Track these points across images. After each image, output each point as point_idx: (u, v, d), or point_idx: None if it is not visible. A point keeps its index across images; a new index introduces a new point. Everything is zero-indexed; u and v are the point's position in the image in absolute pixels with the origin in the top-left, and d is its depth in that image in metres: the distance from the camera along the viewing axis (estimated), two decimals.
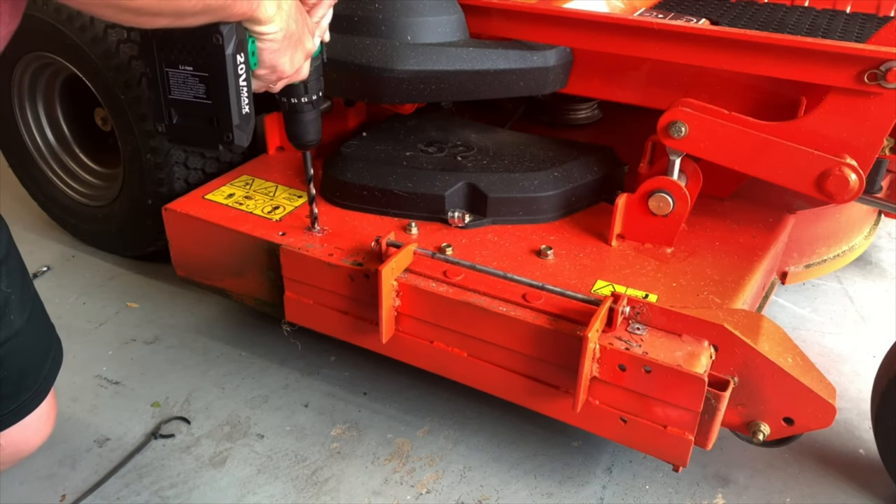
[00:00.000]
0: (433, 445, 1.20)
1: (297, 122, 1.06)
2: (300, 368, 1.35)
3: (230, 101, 0.80)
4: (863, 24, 1.28)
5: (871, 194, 1.27)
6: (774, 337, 0.99)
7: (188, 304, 1.51)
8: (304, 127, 1.07)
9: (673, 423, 0.96)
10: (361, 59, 1.17)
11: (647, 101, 1.23)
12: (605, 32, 1.18)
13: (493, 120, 1.57)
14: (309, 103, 1.04)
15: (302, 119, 1.06)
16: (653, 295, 1.07)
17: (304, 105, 1.04)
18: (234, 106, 0.81)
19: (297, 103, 1.03)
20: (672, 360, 0.94)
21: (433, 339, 1.10)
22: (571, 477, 1.15)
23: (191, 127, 0.84)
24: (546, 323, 1.00)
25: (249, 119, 0.84)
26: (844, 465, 1.18)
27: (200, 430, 1.22)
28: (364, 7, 1.18)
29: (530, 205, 1.22)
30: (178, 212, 1.28)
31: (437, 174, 1.23)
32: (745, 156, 1.09)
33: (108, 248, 1.66)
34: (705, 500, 1.12)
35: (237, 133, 0.82)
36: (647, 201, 1.15)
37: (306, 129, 1.07)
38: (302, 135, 1.08)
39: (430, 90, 1.20)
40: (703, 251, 1.18)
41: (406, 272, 1.09)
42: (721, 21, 1.28)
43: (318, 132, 1.09)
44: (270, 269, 1.21)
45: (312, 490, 1.12)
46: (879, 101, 1.01)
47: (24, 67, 1.55)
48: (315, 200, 1.19)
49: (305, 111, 1.05)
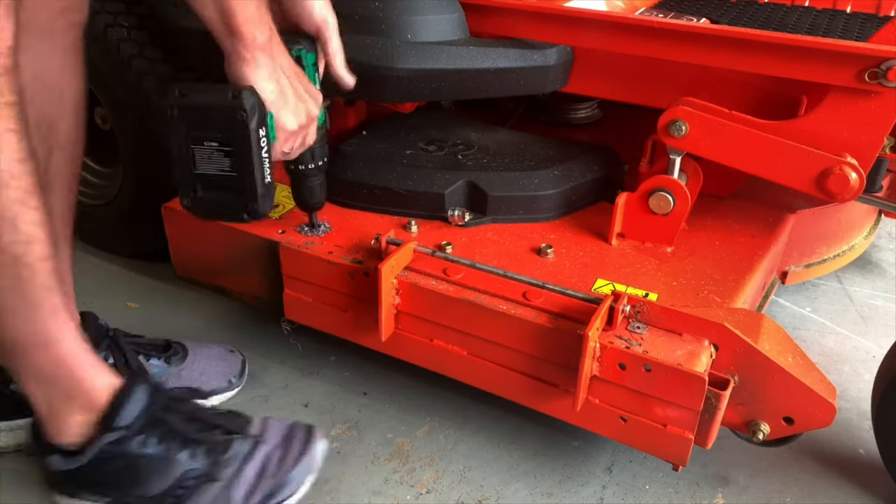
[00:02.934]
0: (433, 445, 1.20)
1: (305, 187, 1.11)
2: (300, 368, 1.35)
3: (255, 173, 0.85)
4: (863, 24, 1.28)
5: (871, 193, 1.27)
6: (775, 336, 0.99)
7: (188, 304, 1.51)
8: (312, 192, 1.12)
9: (673, 422, 0.96)
10: (361, 57, 1.17)
11: (647, 100, 1.23)
12: (605, 31, 1.18)
13: (493, 119, 1.57)
14: (315, 168, 1.09)
15: (310, 184, 1.10)
16: (653, 294, 1.07)
17: (311, 171, 1.09)
18: (258, 177, 0.86)
19: (305, 169, 1.08)
20: (672, 359, 0.94)
21: (433, 337, 1.10)
22: (571, 477, 1.15)
23: (216, 199, 0.88)
24: (546, 321, 1.00)
25: (271, 188, 0.89)
26: (844, 465, 1.18)
27: None
28: (364, 6, 1.18)
29: (530, 203, 1.22)
30: (178, 210, 1.28)
31: (437, 172, 1.23)
32: (745, 154, 1.09)
33: (107, 247, 1.65)
34: (705, 500, 1.12)
35: (261, 202, 0.87)
36: (647, 200, 1.15)
37: (313, 193, 1.12)
38: (308, 199, 1.13)
39: (430, 89, 1.20)
40: (703, 250, 1.18)
41: (406, 270, 1.09)
42: (721, 20, 1.28)
43: (324, 195, 1.14)
44: (270, 268, 1.21)
45: (312, 490, 1.11)
46: (880, 100, 1.01)
47: None
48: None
49: (312, 176, 1.09)
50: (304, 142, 0.99)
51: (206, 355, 1.26)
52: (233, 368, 1.27)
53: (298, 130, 0.95)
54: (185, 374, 1.22)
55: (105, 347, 1.16)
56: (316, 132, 1.01)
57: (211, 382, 1.24)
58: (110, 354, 1.17)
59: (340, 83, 1.04)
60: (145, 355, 1.20)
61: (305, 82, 0.96)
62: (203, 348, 1.27)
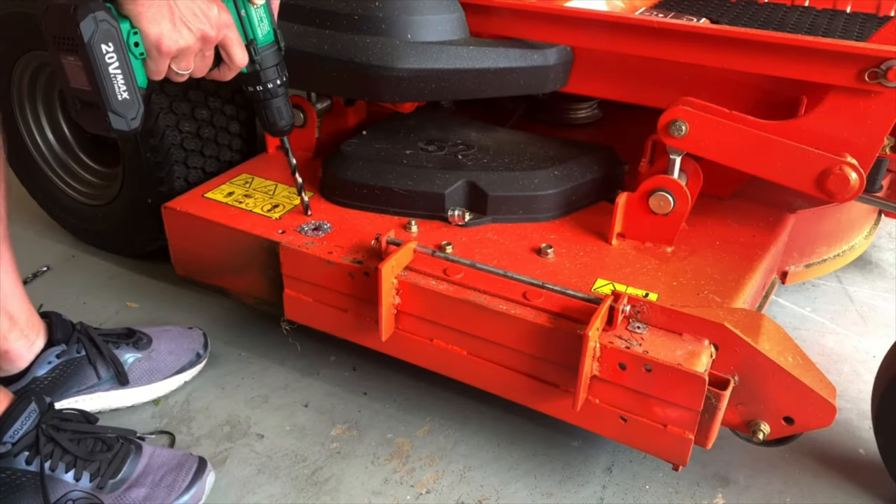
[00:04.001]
0: (433, 445, 1.20)
1: (270, 108, 1.10)
2: (300, 368, 1.35)
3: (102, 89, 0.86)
4: (863, 24, 1.28)
5: (871, 193, 1.27)
6: (775, 336, 0.99)
7: (188, 304, 1.51)
8: (278, 112, 1.11)
9: (673, 422, 0.96)
10: (361, 57, 1.17)
11: (647, 100, 1.23)
12: (605, 31, 1.18)
13: (493, 119, 1.57)
14: (276, 88, 1.08)
15: (270, 105, 1.09)
16: (653, 294, 1.07)
17: (272, 90, 1.08)
18: (108, 93, 0.86)
19: (262, 90, 1.07)
20: (672, 358, 0.94)
21: (433, 337, 1.10)
22: (571, 477, 1.15)
23: (89, 114, 0.89)
24: (546, 321, 1.00)
25: (129, 105, 0.88)
26: (844, 465, 1.18)
27: (200, 430, 1.22)
28: (364, 6, 1.18)
29: (530, 203, 1.22)
30: (178, 210, 1.28)
31: (438, 172, 1.23)
32: (745, 154, 1.09)
33: (107, 247, 1.65)
34: (705, 499, 1.12)
35: (112, 118, 0.87)
36: (647, 200, 1.15)
37: (280, 113, 1.11)
38: (276, 120, 1.11)
39: (430, 89, 1.20)
40: (703, 250, 1.18)
41: (406, 270, 1.09)
42: (721, 20, 1.28)
43: (290, 117, 1.12)
44: (270, 268, 1.21)
45: (312, 490, 1.12)
46: (880, 99, 1.01)
47: (23, 67, 1.55)
48: (303, 189, 1.23)
49: (276, 97, 1.09)
50: (203, 61, 0.95)
51: (167, 336, 1.30)
52: (196, 343, 1.32)
53: (185, 49, 0.90)
54: (156, 355, 1.26)
55: (76, 341, 1.19)
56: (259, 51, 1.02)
57: (181, 359, 1.28)
58: (83, 347, 1.19)
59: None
60: (114, 344, 1.23)
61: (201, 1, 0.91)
62: (162, 331, 1.31)
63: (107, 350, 1.21)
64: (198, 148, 1.43)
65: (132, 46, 0.87)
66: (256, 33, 1.02)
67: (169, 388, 1.27)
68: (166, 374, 1.26)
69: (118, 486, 1.01)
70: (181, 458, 1.06)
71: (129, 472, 1.02)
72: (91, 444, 1.03)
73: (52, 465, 0.99)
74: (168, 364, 1.26)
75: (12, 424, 0.98)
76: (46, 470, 0.99)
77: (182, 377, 1.28)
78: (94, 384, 1.20)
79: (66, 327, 1.19)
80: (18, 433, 0.98)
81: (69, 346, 1.18)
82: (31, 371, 1.15)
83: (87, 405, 1.20)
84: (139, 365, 1.24)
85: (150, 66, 0.90)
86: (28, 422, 0.99)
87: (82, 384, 1.19)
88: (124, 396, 1.23)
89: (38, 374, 1.16)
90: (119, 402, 1.23)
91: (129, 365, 1.23)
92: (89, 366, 1.19)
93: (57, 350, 1.17)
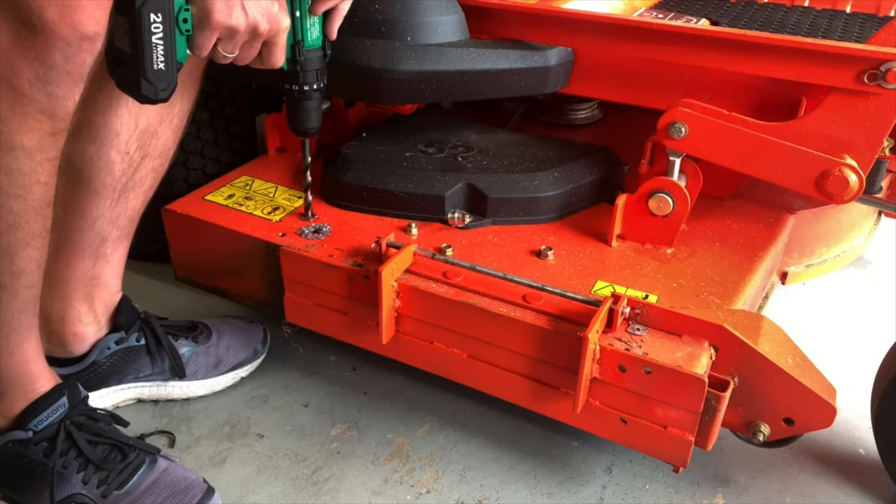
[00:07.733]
0: (433, 445, 1.20)
1: (300, 109, 1.10)
2: (300, 368, 1.35)
3: (142, 55, 0.87)
4: (863, 25, 1.28)
5: (871, 194, 1.27)
6: (774, 337, 0.99)
7: (188, 305, 1.51)
8: (307, 115, 1.11)
9: (673, 423, 0.96)
10: (361, 59, 1.17)
11: (646, 102, 1.23)
12: (605, 32, 1.18)
13: (493, 120, 1.57)
14: (311, 91, 1.08)
15: (305, 107, 1.10)
16: (653, 295, 1.07)
17: (308, 92, 1.08)
18: (146, 60, 0.87)
19: (297, 90, 1.08)
20: (672, 360, 0.94)
21: (433, 339, 1.10)
22: (571, 477, 1.15)
23: (124, 74, 0.90)
24: (546, 324, 1.00)
25: (162, 76, 0.89)
26: (844, 465, 1.18)
27: (200, 430, 1.22)
28: (364, 8, 1.18)
29: (530, 205, 1.22)
30: (178, 212, 1.28)
31: (437, 175, 1.23)
32: (745, 156, 1.09)
33: None
34: (705, 500, 1.12)
35: (144, 84, 0.88)
36: (647, 202, 1.15)
37: (308, 116, 1.11)
38: (304, 121, 1.11)
39: (430, 91, 1.20)
40: (703, 251, 1.18)
41: (406, 273, 1.09)
42: (721, 21, 1.28)
43: (319, 120, 1.12)
44: (270, 270, 1.21)
45: (312, 490, 1.12)
46: (879, 101, 1.01)
47: None
48: (310, 188, 1.22)
49: (310, 98, 1.09)
50: (249, 51, 0.93)
51: (229, 330, 1.31)
52: (255, 339, 1.33)
53: (238, 30, 0.89)
54: (213, 350, 1.28)
55: (138, 329, 1.21)
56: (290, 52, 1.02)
57: (238, 355, 1.30)
58: (143, 336, 1.22)
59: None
60: (174, 336, 1.25)
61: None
62: (224, 324, 1.32)
63: (166, 341, 1.23)
64: (198, 149, 1.43)
65: (181, 22, 0.87)
66: (306, 36, 1.03)
67: (224, 383, 1.28)
68: (222, 369, 1.28)
69: (121, 498, 1.01)
70: (190, 482, 1.05)
71: (136, 485, 1.02)
72: (107, 449, 1.03)
73: (65, 463, 0.99)
74: (225, 360, 1.28)
75: (39, 414, 0.98)
76: (59, 467, 0.99)
77: (238, 373, 1.30)
78: (151, 374, 1.23)
79: (131, 314, 1.21)
80: (43, 423, 0.99)
81: (128, 333, 1.20)
82: (91, 355, 1.17)
83: (143, 393, 1.24)
84: (196, 359, 1.26)
85: (195, 41, 0.88)
86: (55, 415, 1.00)
87: (139, 372, 1.22)
88: (180, 388, 1.25)
89: (97, 359, 1.18)
90: (174, 393, 1.25)
91: (186, 358, 1.25)
92: (147, 355, 1.22)
93: (116, 337, 1.19)
